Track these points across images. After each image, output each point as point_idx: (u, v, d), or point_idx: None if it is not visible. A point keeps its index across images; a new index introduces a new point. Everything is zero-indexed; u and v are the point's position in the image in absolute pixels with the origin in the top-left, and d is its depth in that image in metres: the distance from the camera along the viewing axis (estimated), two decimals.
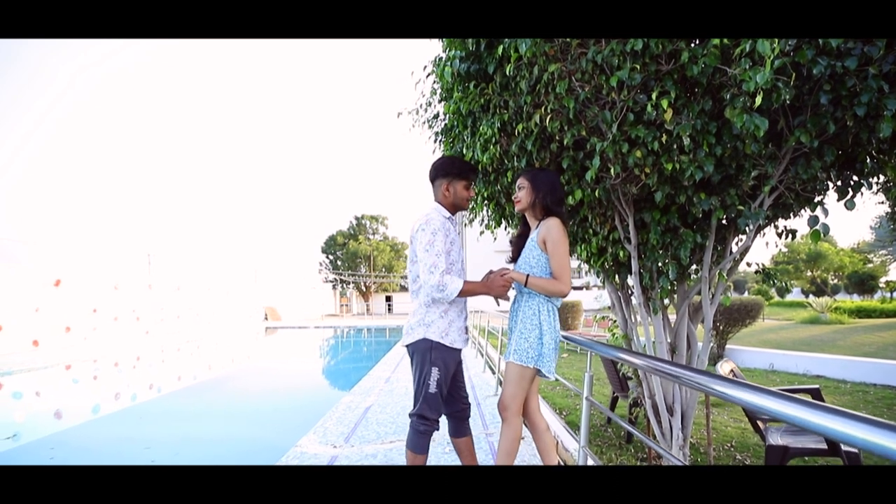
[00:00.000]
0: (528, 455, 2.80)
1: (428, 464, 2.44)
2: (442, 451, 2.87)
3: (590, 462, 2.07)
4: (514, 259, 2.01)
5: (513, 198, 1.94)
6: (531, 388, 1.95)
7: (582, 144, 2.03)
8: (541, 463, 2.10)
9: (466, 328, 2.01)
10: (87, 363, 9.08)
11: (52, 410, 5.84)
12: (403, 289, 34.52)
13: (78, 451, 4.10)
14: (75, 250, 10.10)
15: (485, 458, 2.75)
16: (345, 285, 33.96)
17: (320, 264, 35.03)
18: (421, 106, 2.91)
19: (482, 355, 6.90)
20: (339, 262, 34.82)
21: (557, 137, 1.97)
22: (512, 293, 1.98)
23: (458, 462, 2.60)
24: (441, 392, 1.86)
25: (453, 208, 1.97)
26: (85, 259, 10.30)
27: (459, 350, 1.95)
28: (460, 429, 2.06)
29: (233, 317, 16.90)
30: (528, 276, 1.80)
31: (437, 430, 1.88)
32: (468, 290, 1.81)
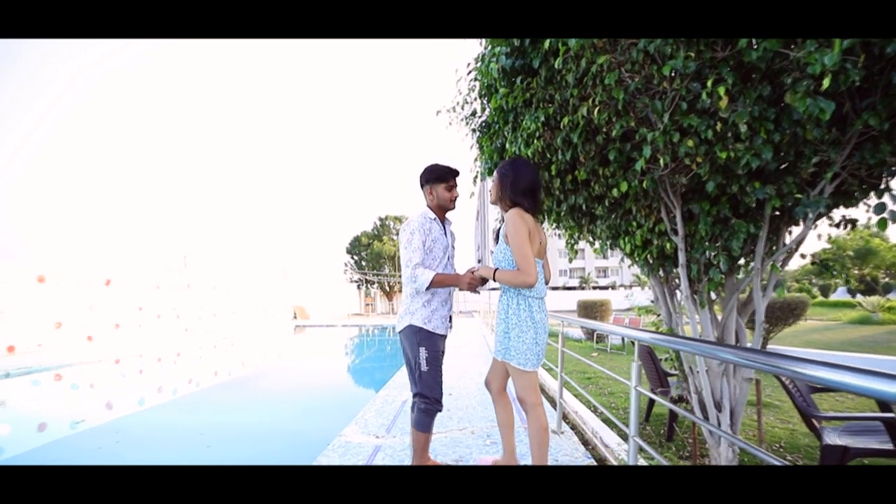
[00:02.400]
0: (569, 447, 2.80)
1: (468, 457, 2.49)
2: (483, 444, 2.91)
3: (640, 456, 2.05)
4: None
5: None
6: (503, 372, 2.06)
7: (629, 136, 2.02)
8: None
9: (450, 317, 2.21)
10: (133, 358, 9.63)
11: (104, 401, 6.22)
12: None
13: (137, 440, 4.37)
14: (122, 251, 10.73)
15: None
16: (369, 285, 34.50)
17: (345, 264, 35.73)
18: (458, 104, 2.96)
19: None
20: (363, 263, 35.41)
21: (604, 129, 1.97)
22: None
23: (492, 455, 2.63)
24: (434, 369, 2.03)
25: (440, 210, 2.16)
26: (130, 260, 10.92)
27: (443, 336, 2.14)
28: None
29: (264, 315, 17.51)
30: (496, 269, 1.85)
31: (440, 410, 2.06)
32: (439, 282, 1.99)
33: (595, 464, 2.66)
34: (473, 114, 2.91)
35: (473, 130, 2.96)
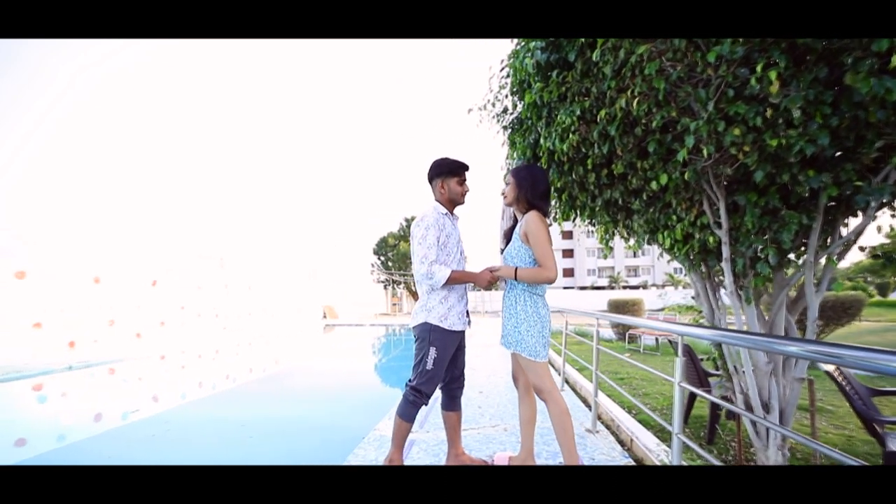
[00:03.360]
0: (605, 447, 2.74)
1: (496, 455, 2.49)
2: (516, 441, 2.90)
3: (683, 457, 1.99)
4: (504, 249, 2.15)
5: (501, 192, 2.09)
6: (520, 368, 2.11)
7: (670, 126, 1.96)
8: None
9: (467, 312, 2.19)
10: (176, 354, 10.18)
11: (151, 394, 6.59)
12: None
13: (183, 432, 4.63)
14: (168, 254, 11.35)
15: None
16: (396, 285, 34.92)
17: (372, 265, 36.32)
18: (489, 101, 2.96)
19: None
20: (389, 263, 35.89)
21: (643, 121, 1.93)
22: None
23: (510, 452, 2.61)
24: (437, 370, 2.05)
25: (451, 204, 2.15)
26: (175, 261, 11.55)
27: (460, 332, 2.14)
28: (451, 404, 2.28)
29: (296, 314, 18.09)
30: (516, 269, 1.93)
31: (426, 404, 2.09)
32: (455, 279, 2.00)
33: (633, 463, 2.60)
34: (505, 111, 2.91)
35: (504, 127, 2.95)
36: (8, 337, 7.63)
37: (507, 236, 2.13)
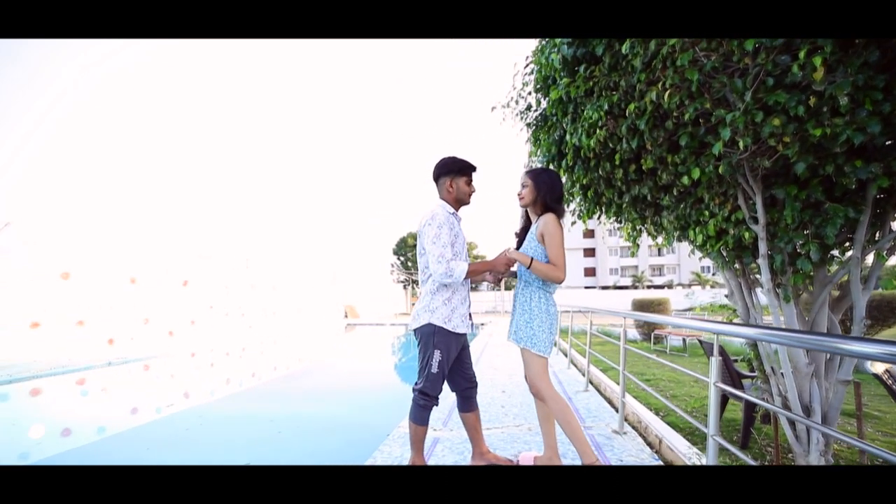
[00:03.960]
0: (633, 448, 2.68)
1: (521, 455, 2.47)
2: (541, 440, 2.86)
3: (718, 457, 1.92)
4: (517, 249, 2.19)
5: (517, 193, 2.10)
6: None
7: (702, 119, 1.90)
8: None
9: (470, 314, 2.17)
10: (206, 352, 10.55)
11: (182, 391, 6.84)
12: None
13: (211, 426, 4.79)
14: (196, 255, 11.80)
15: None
16: (415, 285, 35.14)
17: (392, 265, 36.66)
18: (512, 99, 2.94)
19: (565, 355, 6.71)
20: (409, 263, 36.16)
21: (675, 114, 1.87)
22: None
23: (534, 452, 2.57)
24: (442, 372, 2.04)
25: (457, 204, 2.13)
26: (202, 262, 11.98)
27: (463, 334, 2.11)
28: (466, 405, 2.25)
29: (318, 314, 18.46)
30: (532, 258, 1.95)
31: (437, 405, 2.07)
32: (473, 270, 1.99)
33: (662, 464, 2.53)
34: (528, 108, 2.89)
35: (528, 125, 2.93)
36: (54, 334, 8.10)
37: (520, 237, 2.18)
